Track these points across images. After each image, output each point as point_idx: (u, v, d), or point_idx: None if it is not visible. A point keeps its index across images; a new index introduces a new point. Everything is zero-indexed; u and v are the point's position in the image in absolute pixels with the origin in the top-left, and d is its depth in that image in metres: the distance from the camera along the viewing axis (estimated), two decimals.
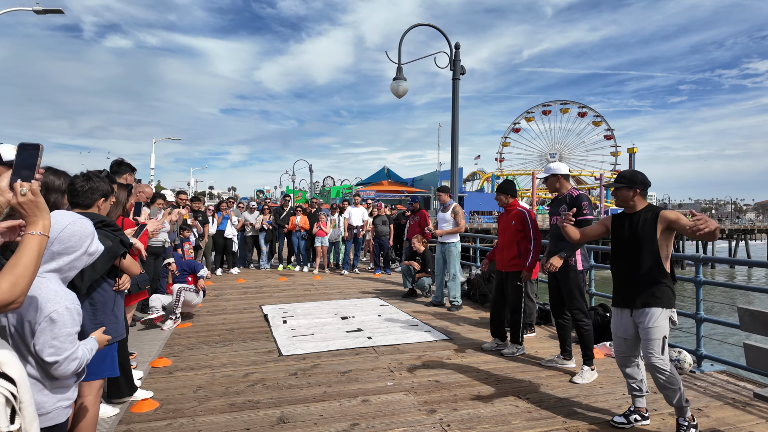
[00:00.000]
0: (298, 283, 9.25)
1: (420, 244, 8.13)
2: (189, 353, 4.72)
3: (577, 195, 4.16)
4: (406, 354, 4.73)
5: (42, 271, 1.63)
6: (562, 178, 4.29)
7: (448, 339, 5.30)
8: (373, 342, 5.10)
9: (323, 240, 10.61)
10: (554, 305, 4.41)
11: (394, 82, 8.18)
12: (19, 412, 1.32)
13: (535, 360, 4.62)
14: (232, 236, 10.13)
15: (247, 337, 5.33)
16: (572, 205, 4.12)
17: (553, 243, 4.30)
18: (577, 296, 4.13)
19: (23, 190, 1.31)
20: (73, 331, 1.63)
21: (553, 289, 4.37)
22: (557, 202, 4.29)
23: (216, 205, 10.33)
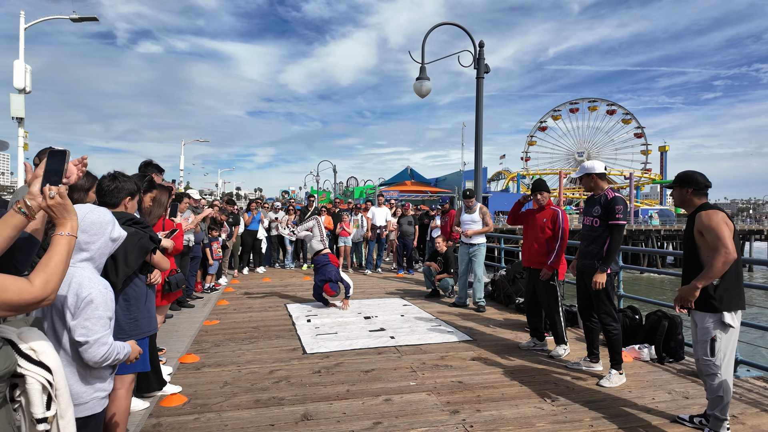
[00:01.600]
0: None
1: (444, 244, 8.06)
2: (216, 350, 4.82)
3: (612, 197, 3.99)
4: (428, 354, 4.71)
5: (75, 261, 1.72)
6: (597, 178, 4.13)
7: (471, 340, 5.25)
8: (396, 341, 5.10)
9: (346, 240, 10.67)
10: (582, 307, 4.32)
11: (417, 81, 8.15)
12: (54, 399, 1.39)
13: (561, 362, 4.52)
14: (262, 237, 10.30)
15: (272, 334, 5.41)
16: (606, 207, 3.99)
17: (584, 244, 4.17)
18: (605, 300, 4.01)
19: (51, 194, 1.38)
20: (106, 316, 1.69)
21: (581, 292, 4.28)
22: (591, 202, 4.17)
23: (247, 205, 10.54)
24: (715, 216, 3.00)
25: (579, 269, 4.25)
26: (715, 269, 2.93)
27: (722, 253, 2.90)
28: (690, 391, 3.81)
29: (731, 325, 2.97)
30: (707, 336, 3.00)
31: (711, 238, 2.98)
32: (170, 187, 3.67)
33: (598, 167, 4.16)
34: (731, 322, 2.97)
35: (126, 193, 2.54)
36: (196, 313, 6.45)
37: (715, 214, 3.00)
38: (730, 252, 2.89)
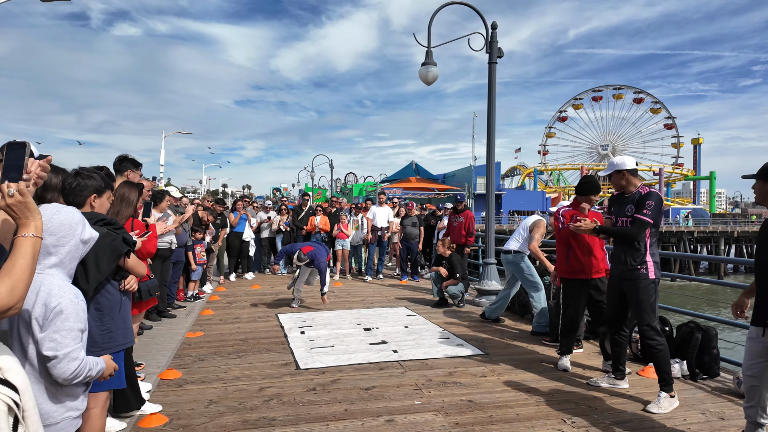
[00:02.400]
0: (317, 290, 9.27)
1: (444, 248, 8.01)
2: (200, 365, 4.83)
3: (647, 192, 3.91)
4: (435, 370, 4.70)
5: (43, 268, 1.72)
6: (628, 174, 4.04)
7: (483, 354, 5.24)
8: (399, 356, 5.10)
9: (344, 243, 10.68)
10: (611, 319, 4.26)
11: (423, 67, 8.16)
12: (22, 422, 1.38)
13: (583, 378, 4.52)
14: (249, 239, 10.31)
15: (262, 348, 5.41)
16: (639, 202, 3.91)
17: (618, 249, 4.08)
18: (648, 311, 3.91)
19: (11, 191, 1.37)
20: (77, 327, 1.69)
21: (613, 300, 4.20)
22: (622, 201, 4.08)
23: (233, 204, 10.56)
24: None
25: (614, 277, 4.16)
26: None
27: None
28: (726, 412, 3.80)
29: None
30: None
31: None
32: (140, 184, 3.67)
33: (629, 163, 4.08)
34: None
35: (91, 190, 2.53)
36: (177, 324, 6.46)
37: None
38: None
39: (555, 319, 5.69)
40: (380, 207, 10.87)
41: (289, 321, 6.67)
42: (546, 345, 5.63)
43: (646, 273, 3.93)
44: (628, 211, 3.98)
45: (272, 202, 12.36)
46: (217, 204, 9.39)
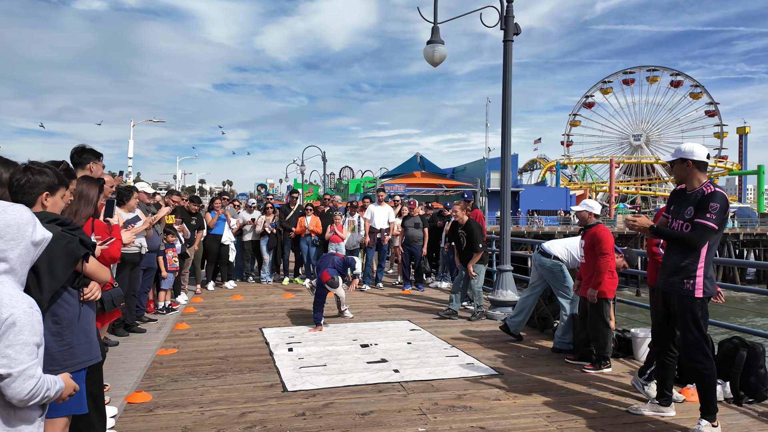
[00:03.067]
0: (308, 300, 9.30)
1: (463, 212, 7.82)
2: (173, 386, 4.83)
3: (711, 192, 3.79)
4: (442, 392, 4.72)
5: None
6: (695, 167, 3.90)
7: (497, 374, 5.26)
8: (401, 376, 5.12)
9: (339, 247, 10.70)
10: (657, 336, 4.24)
11: (429, 46, 8.19)
12: None
13: (612, 403, 4.53)
14: (228, 242, 10.34)
15: (244, 367, 5.43)
16: (701, 203, 3.79)
17: (669, 256, 4.01)
18: (694, 328, 3.87)
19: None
20: (32, 341, 1.70)
21: (658, 317, 4.18)
22: (682, 199, 3.98)
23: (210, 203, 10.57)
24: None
25: (659, 288, 4.13)
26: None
27: None
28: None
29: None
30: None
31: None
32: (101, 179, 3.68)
33: (699, 152, 3.92)
34: None
35: (42, 187, 2.54)
36: (148, 340, 6.48)
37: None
38: None
39: (580, 335, 5.71)
40: (379, 206, 10.89)
41: (275, 336, 6.69)
42: (569, 364, 5.64)
43: (692, 290, 3.83)
44: (687, 214, 3.86)
45: (256, 200, 12.39)
46: (192, 202, 9.38)
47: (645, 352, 5.70)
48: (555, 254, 6.24)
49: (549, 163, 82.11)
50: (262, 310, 8.49)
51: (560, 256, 6.22)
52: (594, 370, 5.34)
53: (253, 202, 11.57)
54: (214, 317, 7.91)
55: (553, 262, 6.23)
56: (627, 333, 5.98)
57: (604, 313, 5.36)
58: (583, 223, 5.62)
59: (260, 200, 12.78)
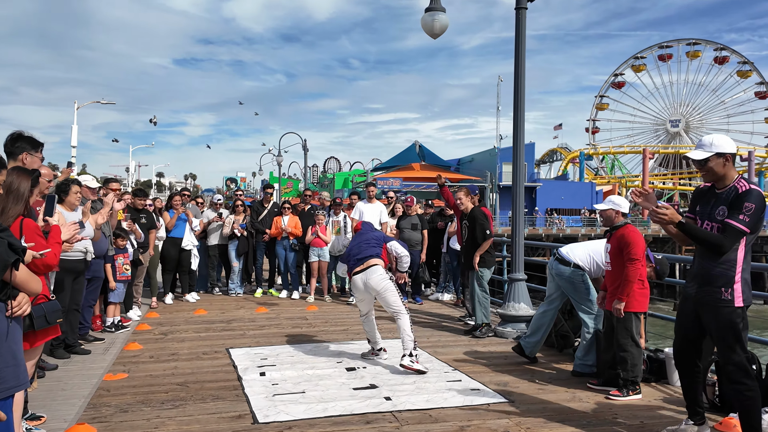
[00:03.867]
0: (284, 316, 9.36)
1: (468, 198, 7.93)
2: (121, 418, 4.80)
3: (747, 190, 3.91)
4: (441, 423, 4.72)
5: None
6: (727, 161, 4.02)
7: (506, 401, 5.28)
8: (394, 404, 5.13)
9: (322, 252, 10.70)
10: (681, 350, 4.35)
11: (428, 14, 8.21)
12: None
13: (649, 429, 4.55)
14: (190, 247, 10.33)
15: (206, 395, 5.41)
16: (734, 202, 3.90)
17: (700, 262, 4.10)
18: (733, 344, 3.95)
19: None
20: None
21: (685, 328, 4.27)
22: (712, 198, 4.10)
23: (167, 200, 10.53)
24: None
25: (689, 298, 4.22)
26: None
27: None
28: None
29: None
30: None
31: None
32: (34, 171, 3.66)
33: (731, 144, 4.03)
34: None
35: None
36: (92, 363, 6.45)
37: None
38: None
39: (605, 356, 5.74)
40: (369, 203, 10.87)
41: (244, 358, 6.68)
42: (592, 389, 5.66)
43: (730, 299, 3.92)
44: (718, 214, 3.97)
45: (224, 197, 12.38)
46: (137, 197, 9.27)
47: None
48: (575, 261, 6.24)
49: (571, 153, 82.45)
50: (229, 327, 8.47)
51: (582, 264, 6.23)
52: (621, 397, 5.36)
53: (219, 198, 11.58)
54: (173, 336, 7.88)
55: (573, 270, 6.24)
56: (660, 353, 6.01)
57: (633, 330, 5.38)
58: (609, 223, 5.64)
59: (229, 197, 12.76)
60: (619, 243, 5.45)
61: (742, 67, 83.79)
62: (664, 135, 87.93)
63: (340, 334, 8.05)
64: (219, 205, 11.43)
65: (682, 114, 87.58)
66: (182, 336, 7.88)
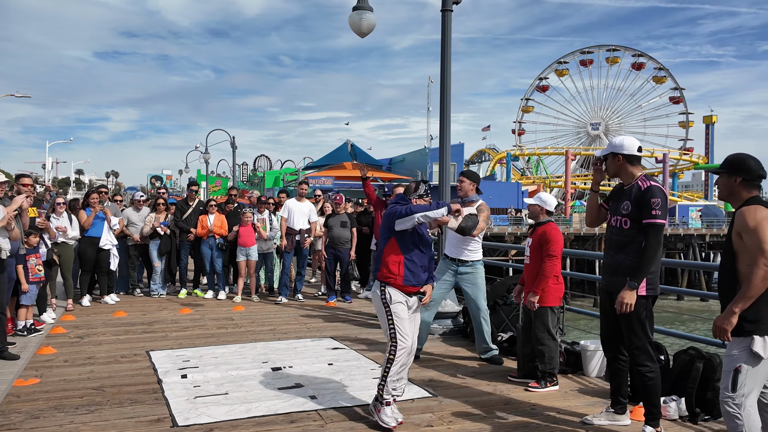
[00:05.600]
0: (210, 316, 9.20)
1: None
2: (32, 424, 4.64)
3: (647, 187, 4.28)
4: (367, 420, 4.76)
5: None
6: (624, 161, 4.41)
7: (430, 395, 5.38)
8: (319, 403, 5.14)
9: (249, 251, 10.56)
10: (607, 341, 4.66)
11: (355, 13, 8.23)
12: None
13: (559, 423, 4.74)
14: (109, 246, 9.99)
15: (124, 399, 5.29)
16: (639, 201, 4.26)
17: (610, 254, 4.45)
18: (639, 331, 4.33)
19: None
20: None
21: (607, 319, 4.57)
22: (619, 195, 4.48)
23: (84, 198, 10.12)
24: (756, 213, 3.36)
25: (603, 289, 4.57)
26: (754, 287, 3.31)
27: (761, 264, 3.29)
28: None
29: (761, 355, 3.37)
30: (731, 366, 3.46)
31: (751, 243, 3.36)
32: None
33: (629, 146, 4.42)
34: (761, 351, 3.37)
35: None
36: (2, 368, 6.18)
37: (759, 210, 3.38)
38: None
39: (524, 350, 5.92)
40: (299, 202, 10.80)
41: (165, 361, 6.53)
42: (512, 382, 5.84)
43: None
44: (624, 209, 4.36)
45: (149, 194, 12.00)
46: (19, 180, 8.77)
47: (596, 367, 6.02)
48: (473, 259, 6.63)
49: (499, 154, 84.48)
50: (151, 329, 8.26)
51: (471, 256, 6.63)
52: (540, 389, 5.56)
53: (141, 195, 11.18)
54: (90, 339, 7.62)
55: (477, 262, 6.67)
56: (576, 346, 6.26)
57: (550, 324, 5.60)
58: (535, 218, 5.85)
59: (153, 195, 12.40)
60: (540, 239, 5.66)
61: (658, 73, 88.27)
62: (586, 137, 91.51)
63: (267, 334, 7.97)
64: (140, 202, 11.07)
65: (602, 117, 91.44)
66: (100, 339, 7.63)
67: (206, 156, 39.58)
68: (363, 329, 8.33)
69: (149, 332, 8.05)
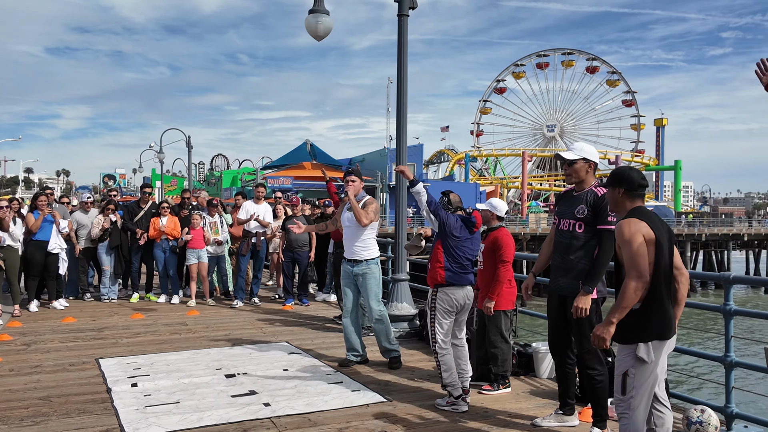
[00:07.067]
0: (162, 322, 9.04)
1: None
2: None
3: (604, 194, 4.36)
4: (320, 427, 4.76)
5: None
6: (590, 168, 4.54)
7: (386, 401, 5.40)
8: (273, 410, 5.10)
9: (201, 254, 10.40)
10: (556, 344, 4.75)
11: (311, 16, 8.19)
12: None
13: (510, 426, 4.81)
14: (58, 250, 9.73)
15: (71, 409, 5.16)
16: (596, 207, 4.38)
17: (560, 256, 4.57)
18: (589, 334, 4.33)
19: None
20: None
21: (555, 323, 4.67)
22: (572, 199, 4.58)
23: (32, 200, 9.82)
24: (629, 226, 3.48)
25: (553, 291, 4.65)
26: (627, 298, 3.45)
27: (633, 276, 3.44)
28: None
29: (644, 359, 3.51)
30: (620, 371, 3.61)
31: (624, 256, 3.51)
32: None
33: (593, 155, 4.59)
34: (645, 356, 3.51)
35: None
36: None
37: (632, 223, 3.50)
38: (642, 274, 3.43)
39: (478, 352, 6.00)
40: (257, 204, 10.71)
41: (115, 369, 6.40)
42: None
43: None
44: (579, 213, 4.45)
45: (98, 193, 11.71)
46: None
47: (547, 369, 6.14)
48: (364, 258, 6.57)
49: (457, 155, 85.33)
50: (101, 335, 8.06)
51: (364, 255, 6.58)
52: (492, 391, 5.65)
53: (88, 197, 10.85)
54: (37, 346, 7.40)
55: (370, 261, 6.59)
56: (528, 348, 6.38)
57: (503, 328, 5.69)
58: (486, 223, 5.92)
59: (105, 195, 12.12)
60: (492, 244, 5.74)
61: (611, 76, 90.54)
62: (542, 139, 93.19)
63: (222, 339, 7.87)
64: (88, 204, 10.78)
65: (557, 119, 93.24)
66: (47, 346, 7.41)
67: (161, 156, 38.70)
68: (320, 333, 8.30)
69: (99, 339, 7.86)
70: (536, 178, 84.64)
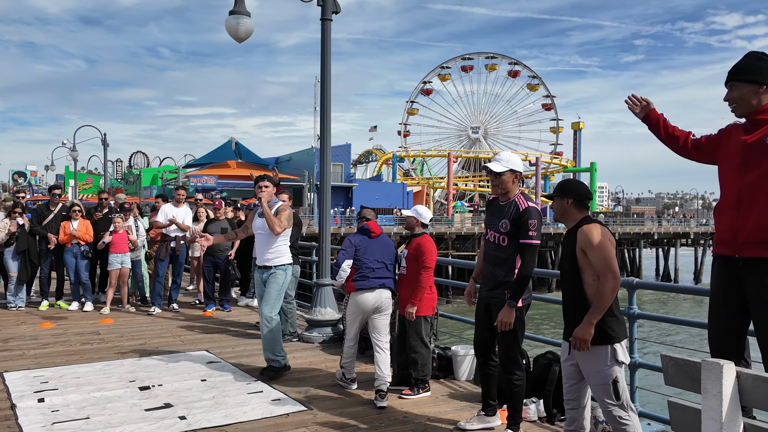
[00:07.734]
0: (74, 331, 8.65)
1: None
2: None
3: (525, 209, 4.48)
4: None
5: None
6: (516, 178, 4.65)
7: (306, 409, 5.37)
8: (188, 423, 4.98)
9: (125, 259, 10.02)
10: (480, 348, 4.91)
11: (232, 17, 8.02)
12: None
13: (429, 429, 4.88)
14: None
15: None
16: (517, 221, 4.47)
17: (488, 267, 4.69)
18: (512, 344, 4.62)
19: None
20: None
21: (481, 326, 4.82)
22: (497, 211, 4.66)
23: None
24: (596, 231, 3.75)
25: (481, 299, 4.81)
26: (605, 299, 3.68)
27: (610, 278, 3.69)
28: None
29: (624, 361, 3.78)
30: (606, 380, 3.74)
31: (597, 259, 3.72)
32: None
33: (519, 165, 4.70)
34: (623, 358, 3.78)
35: None
36: None
37: (597, 228, 3.79)
38: (617, 276, 3.72)
39: (399, 357, 6.06)
40: (176, 207, 10.40)
41: (21, 383, 6.06)
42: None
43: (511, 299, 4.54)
44: (502, 227, 4.55)
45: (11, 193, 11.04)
46: None
47: (466, 371, 6.28)
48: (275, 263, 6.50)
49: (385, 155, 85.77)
50: (6, 346, 7.63)
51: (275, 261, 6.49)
52: (413, 396, 5.72)
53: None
54: None
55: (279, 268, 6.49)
56: (448, 351, 6.50)
57: (423, 333, 5.78)
58: (410, 229, 5.97)
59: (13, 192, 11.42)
60: (416, 250, 5.81)
61: (532, 80, 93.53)
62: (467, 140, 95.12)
63: (137, 349, 7.59)
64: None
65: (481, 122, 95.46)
66: None
67: (74, 154, 36.75)
68: (241, 340, 8.16)
69: (4, 350, 7.43)
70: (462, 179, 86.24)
